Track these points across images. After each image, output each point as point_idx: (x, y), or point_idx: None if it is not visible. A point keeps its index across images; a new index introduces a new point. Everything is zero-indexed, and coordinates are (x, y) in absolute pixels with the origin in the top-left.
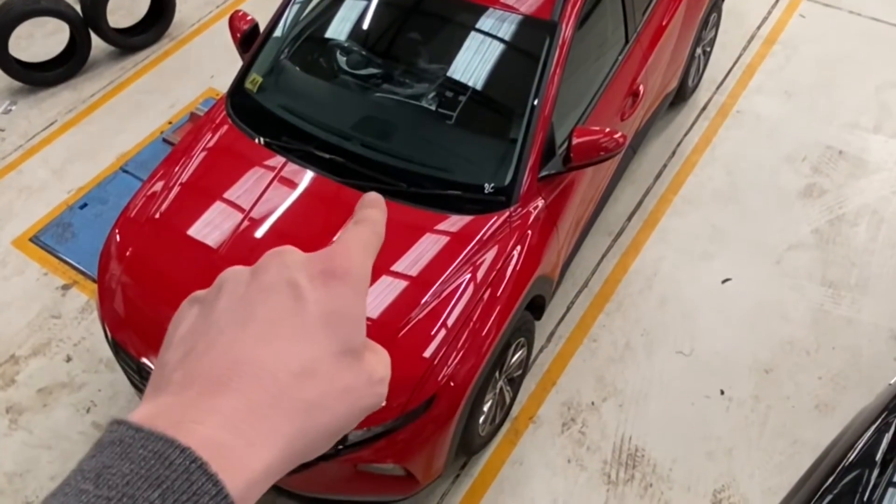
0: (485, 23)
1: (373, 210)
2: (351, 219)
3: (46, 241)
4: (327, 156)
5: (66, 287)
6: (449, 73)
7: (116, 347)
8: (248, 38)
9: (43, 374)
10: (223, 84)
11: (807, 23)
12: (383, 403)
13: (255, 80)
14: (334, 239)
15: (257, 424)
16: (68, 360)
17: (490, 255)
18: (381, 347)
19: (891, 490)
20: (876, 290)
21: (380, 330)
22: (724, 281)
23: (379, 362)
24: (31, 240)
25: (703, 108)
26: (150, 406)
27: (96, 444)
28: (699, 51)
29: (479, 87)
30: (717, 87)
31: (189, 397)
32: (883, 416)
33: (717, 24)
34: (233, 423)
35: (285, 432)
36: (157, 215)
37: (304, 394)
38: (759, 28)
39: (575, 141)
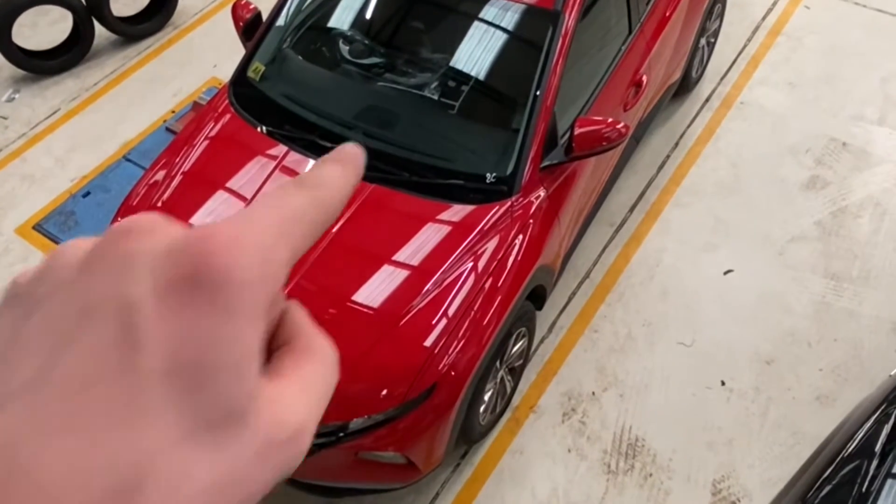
0: (488, 12)
1: (333, 167)
2: (292, 179)
3: (49, 229)
4: (329, 145)
5: None
6: (452, 63)
7: None
8: (251, 27)
9: None
10: (226, 73)
11: (812, 14)
12: (298, 461)
13: (257, 68)
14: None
15: None
16: None
17: (491, 245)
18: (318, 344)
19: (889, 481)
20: (878, 282)
21: (381, 319)
22: (727, 272)
23: (291, 402)
24: (34, 228)
25: (707, 100)
26: None
27: None
28: (703, 41)
29: (481, 76)
30: (721, 78)
31: None
32: (882, 407)
33: (721, 15)
34: None
35: None
36: (160, 204)
37: None
38: (763, 19)
39: (577, 131)
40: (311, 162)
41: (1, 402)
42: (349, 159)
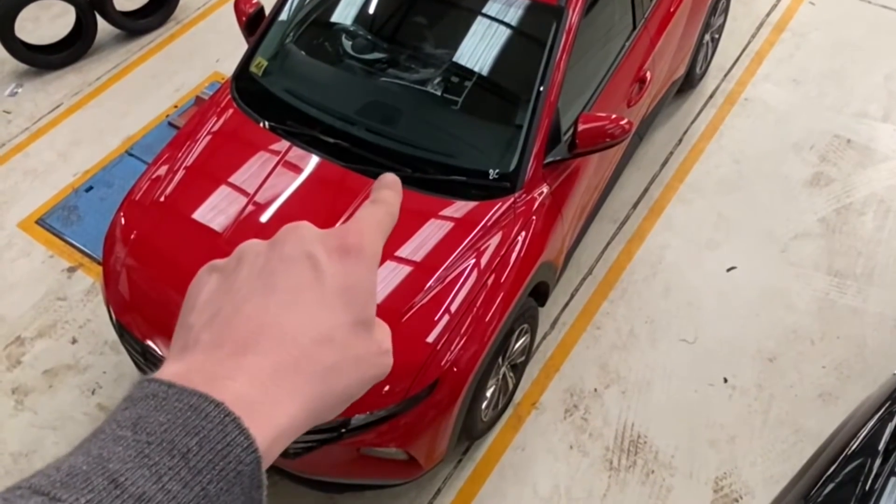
0: (491, 7)
1: (388, 191)
2: (368, 198)
3: (52, 223)
4: (332, 140)
5: (71, 269)
6: (455, 58)
7: (121, 330)
8: (254, 22)
9: (49, 355)
10: (228, 68)
11: (816, 10)
12: (387, 373)
13: (260, 63)
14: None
15: (281, 384)
16: (74, 341)
17: (494, 241)
18: (383, 322)
19: (893, 479)
20: (882, 279)
21: (383, 314)
22: (730, 269)
23: (384, 335)
24: (37, 222)
25: (711, 96)
26: (179, 364)
27: (127, 398)
28: (707, 37)
29: (484, 72)
30: (725, 75)
31: (219, 357)
32: (887, 405)
33: (725, 11)
34: (260, 381)
35: (305, 393)
36: (162, 198)
37: (323, 359)
38: (768, 15)
39: (581, 127)
40: (313, 158)
41: (242, 302)
42: (393, 185)
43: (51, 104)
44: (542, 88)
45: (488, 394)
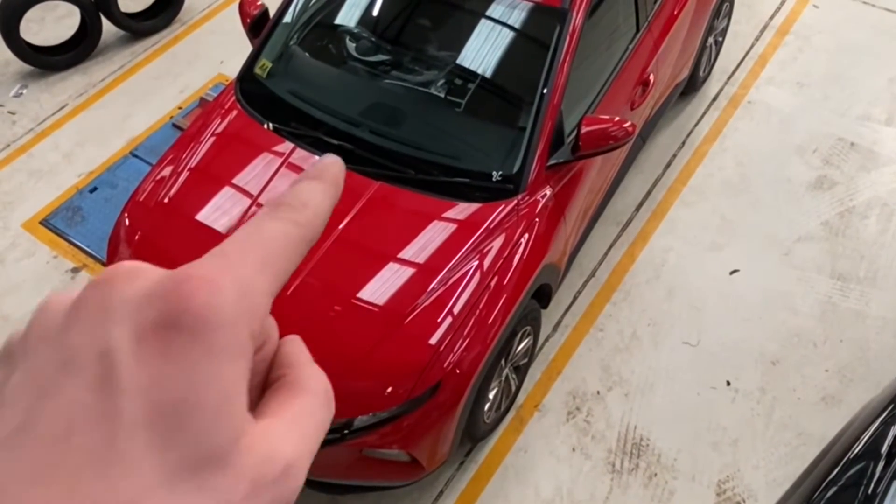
0: (495, 10)
1: (313, 188)
2: (270, 202)
3: (57, 224)
4: (336, 142)
5: (75, 270)
6: (458, 61)
7: None
8: (258, 24)
9: None
10: (233, 69)
11: (820, 13)
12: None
13: (264, 65)
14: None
15: None
16: None
17: (497, 243)
18: (307, 376)
19: (895, 483)
20: (885, 282)
21: (386, 316)
22: (733, 272)
23: (279, 436)
24: (41, 223)
25: (714, 99)
26: None
27: None
28: (711, 40)
29: (488, 74)
30: (729, 78)
31: None
32: (889, 408)
33: (729, 14)
34: None
35: None
36: (166, 200)
37: None
38: (771, 18)
39: (584, 130)
40: (317, 159)
41: None
42: (327, 174)
43: (55, 105)
44: (545, 91)
45: (491, 396)
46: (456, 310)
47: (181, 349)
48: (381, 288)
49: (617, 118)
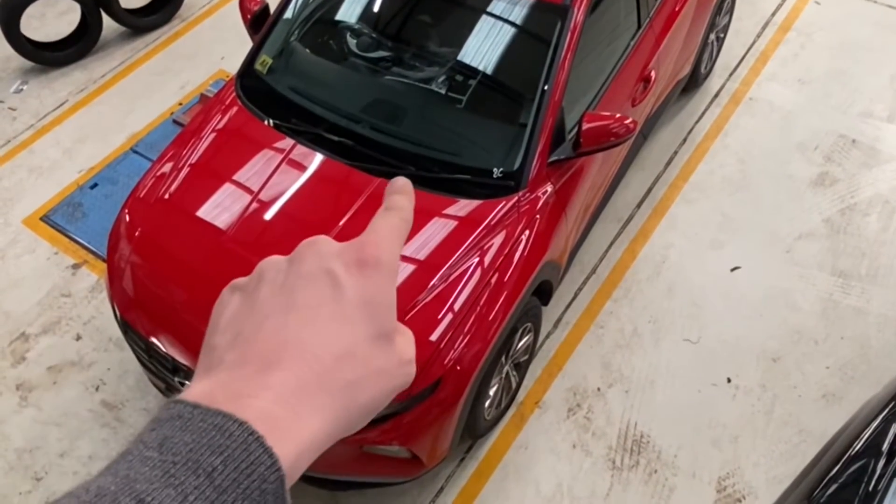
0: (496, 6)
1: (401, 196)
2: (381, 205)
3: (57, 220)
4: (336, 138)
5: (76, 266)
6: (459, 57)
7: (126, 327)
8: (259, 20)
9: (53, 352)
10: (233, 66)
11: (822, 10)
12: (409, 382)
13: (264, 61)
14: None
15: (305, 400)
16: (78, 338)
17: (498, 240)
18: (407, 329)
19: None
20: (886, 280)
21: None
22: (733, 269)
23: (407, 343)
24: (41, 219)
25: (716, 95)
26: (204, 384)
27: (153, 420)
28: (712, 37)
29: (489, 71)
30: (730, 74)
31: (242, 375)
32: (890, 406)
33: (731, 10)
34: (283, 398)
35: (329, 408)
36: (167, 196)
37: (345, 374)
38: (773, 15)
39: (585, 126)
40: (318, 156)
41: (263, 320)
42: (405, 189)
43: (56, 101)
44: (546, 87)
45: (491, 392)
46: (456, 306)
47: (369, 274)
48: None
49: (618, 115)
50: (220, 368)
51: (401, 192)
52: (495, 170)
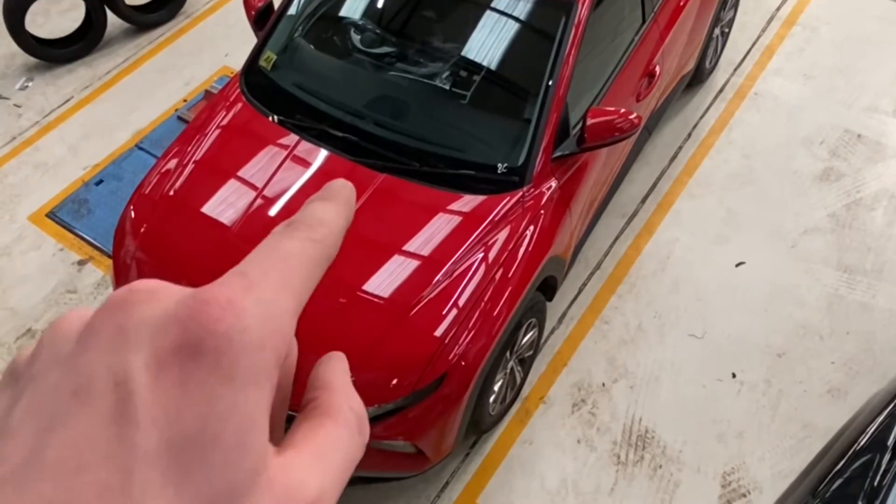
0: (500, 1)
1: (326, 207)
2: (284, 222)
3: (63, 216)
4: (341, 134)
5: (81, 262)
6: (463, 53)
7: None
8: (263, 16)
9: None
10: (238, 62)
11: (827, 4)
12: None
13: (269, 58)
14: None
15: None
16: None
17: (502, 236)
18: (339, 403)
19: None
20: (892, 275)
21: (391, 309)
22: (738, 264)
23: (308, 461)
24: (47, 215)
25: (721, 90)
26: None
27: None
28: (717, 31)
29: (493, 66)
30: (735, 69)
31: None
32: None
33: (735, 5)
34: None
35: None
36: (172, 192)
37: None
38: (778, 9)
39: (589, 121)
40: (322, 151)
41: None
42: (339, 195)
43: (61, 98)
44: (550, 82)
45: (496, 388)
46: (461, 302)
47: (201, 377)
48: (386, 280)
49: (623, 110)
50: None
51: (331, 200)
52: (500, 165)
